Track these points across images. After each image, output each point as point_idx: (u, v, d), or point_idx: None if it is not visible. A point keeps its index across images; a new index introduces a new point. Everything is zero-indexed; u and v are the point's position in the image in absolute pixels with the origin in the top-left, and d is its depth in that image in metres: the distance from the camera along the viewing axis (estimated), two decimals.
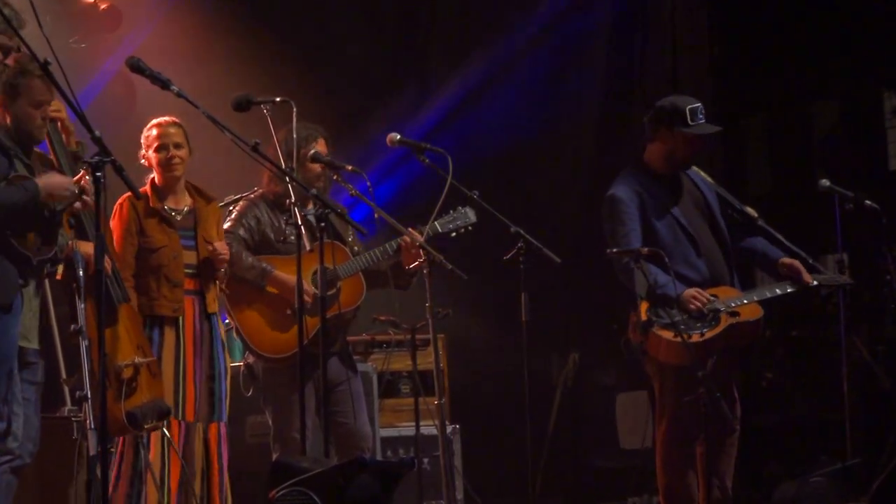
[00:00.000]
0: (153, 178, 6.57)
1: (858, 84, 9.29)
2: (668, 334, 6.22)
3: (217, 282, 6.56)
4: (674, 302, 6.27)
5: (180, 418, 6.37)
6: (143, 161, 6.57)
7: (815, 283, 6.59)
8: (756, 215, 6.71)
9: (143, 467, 6.22)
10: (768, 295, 6.53)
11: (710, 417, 6.09)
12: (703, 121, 6.49)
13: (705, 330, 6.30)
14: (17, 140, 5.39)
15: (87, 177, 5.52)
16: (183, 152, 6.53)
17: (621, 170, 6.65)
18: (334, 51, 9.34)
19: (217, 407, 6.50)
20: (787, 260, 6.60)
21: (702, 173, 6.76)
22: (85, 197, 5.35)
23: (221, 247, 6.50)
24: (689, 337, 6.16)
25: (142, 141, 6.57)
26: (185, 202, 6.60)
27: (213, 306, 6.53)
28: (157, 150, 6.52)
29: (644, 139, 6.64)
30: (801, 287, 6.57)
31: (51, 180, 5.33)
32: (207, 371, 6.49)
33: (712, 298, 6.37)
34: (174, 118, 6.52)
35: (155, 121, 6.56)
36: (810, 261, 6.63)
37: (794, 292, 6.58)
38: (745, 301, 6.43)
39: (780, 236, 6.67)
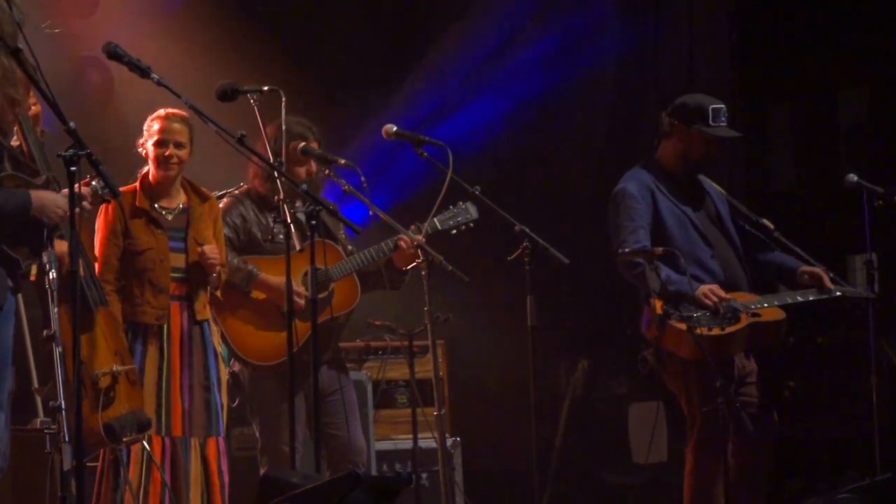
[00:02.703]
0: (147, 171, 6.52)
1: (889, 70, 9.27)
2: (685, 326, 6.24)
3: (209, 287, 6.50)
4: (690, 299, 6.29)
5: (163, 434, 6.33)
6: (140, 150, 6.52)
7: (838, 293, 6.62)
8: (772, 227, 6.75)
9: (122, 488, 6.19)
10: (790, 301, 6.57)
11: (731, 429, 6.10)
12: (724, 123, 6.56)
13: (725, 325, 6.31)
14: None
15: (86, 186, 5.55)
16: (183, 153, 6.47)
17: (632, 165, 6.67)
18: (328, 38, 9.33)
19: (214, 420, 6.45)
20: (807, 268, 6.64)
21: (713, 183, 6.79)
22: (85, 204, 5.32)
23: (211, 250, 6.45)
24: (710, 330, 6.18)
25: (143, 127, 6.52)
26: (179, 200, 6.55)
27: (202, 313, 6.47)
28: (156, 144, 6.46)
29: (659, 134, 6.65)
30: (823, 295, 6.60)
31: (46, 196, 5.28)
32: (202, 381, 6.45)
33: (729, 297, 6.39)
34: (183, 112, 6.38)
35: (162, 111, 6.48)
36: (831, 274, 6.68)
37: (817, 300, 6.61)
38: (766, 305, 6.47)
39: (797, 249, 6.72)
